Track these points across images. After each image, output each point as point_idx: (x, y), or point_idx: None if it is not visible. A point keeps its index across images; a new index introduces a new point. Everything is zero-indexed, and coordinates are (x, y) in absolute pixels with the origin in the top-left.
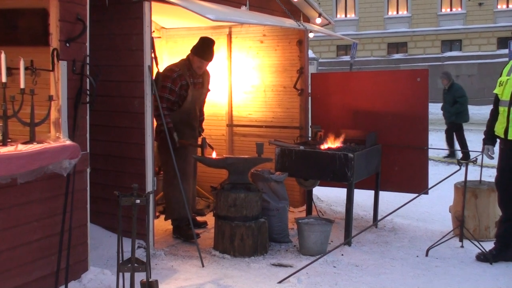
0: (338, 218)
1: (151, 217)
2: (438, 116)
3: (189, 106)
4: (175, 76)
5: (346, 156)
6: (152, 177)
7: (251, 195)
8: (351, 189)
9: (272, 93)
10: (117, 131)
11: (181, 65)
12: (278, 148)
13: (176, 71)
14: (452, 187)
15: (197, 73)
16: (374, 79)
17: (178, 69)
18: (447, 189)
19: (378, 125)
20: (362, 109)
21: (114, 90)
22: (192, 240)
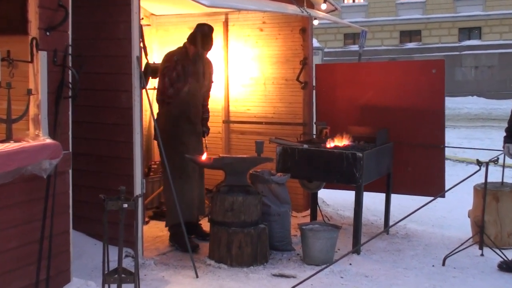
0: (345, 223)
1: (140, 223)
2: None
3: (186, 98)
4: (174, 59)
5: (354, 155)
6: (141, 178)
7: (250, 198)
8: (360, 191)
9: (272, 86)
10: (102, 128)
11: (178, 53)
12: (280, 146)
13: (175, 55)
14: (471, 189)
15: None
16: (385, 71)
17: (176, 54)
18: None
19: (389, 121)
20: (371, 104)
21: (99, 83)
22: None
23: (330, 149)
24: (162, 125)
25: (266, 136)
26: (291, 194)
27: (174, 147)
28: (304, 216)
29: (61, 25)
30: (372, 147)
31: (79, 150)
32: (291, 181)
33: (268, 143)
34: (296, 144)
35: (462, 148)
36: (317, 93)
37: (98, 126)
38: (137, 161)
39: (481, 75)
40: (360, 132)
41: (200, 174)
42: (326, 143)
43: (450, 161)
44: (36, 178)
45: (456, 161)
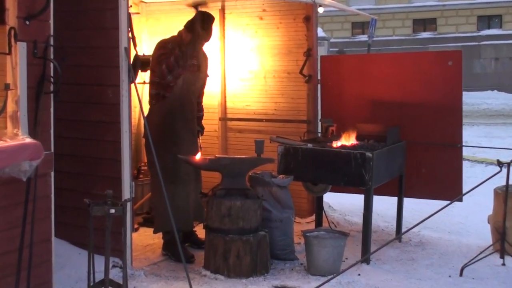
0: (353, 230)
1: (129, 230)
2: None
3: (180, 92)
4: (169, 47)
5: (363, 155)
6: (130, 181)
7: (249, 203)
8: (370, 195)
9: (273, 80)
10: (87, 127)
11: (172, 42)
12: (281, 146)
13: (169, 43)
14: (491, 192)
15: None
16: (396, 63)
17: (170, 44)
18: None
19: (401, 118)
20: (382, 99)
21: (83, 77)
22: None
23: (337, 149)
24: (153, 122)
25: (267, 135)
26: (294, 198)
27: (166, 147)
28: (308, 222)
29: (42, 14)
30: (383, 146)
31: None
32: (294, 184)
33: (269, 142)
34: (299, 143)
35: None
36: (323, 87)
37: (82, 124)
38: (126, 162)
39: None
40: (370, 130)
41: (196, 177)
42: (332, 142)
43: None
44: (14, 181)
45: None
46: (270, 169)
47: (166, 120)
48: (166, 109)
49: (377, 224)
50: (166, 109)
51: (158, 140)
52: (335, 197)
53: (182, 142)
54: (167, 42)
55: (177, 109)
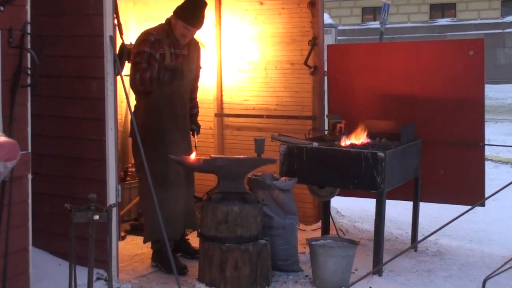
0: (364, 238)
1: (115, 238)
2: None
3: (170, 86)
4: (152, 39)
5: (374, 155)
6: (116, 184)
7: (248, 208)
8: (382, 199)
9: (275, 72)
10: (68, 124)
11: (159, 30)
12: (284, 145)
13: (154, 34)
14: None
15: (181, 42)
16: (411, 53)
17: (155, 33)
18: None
19: (417, 114)
20: (395, 93)
21: (64, 69)
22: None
23: (346, 148)
24: (140, 119)
25: (268, 133)
26: (298, 203)
27: (153, 147)
28: (314, 230)
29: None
30: (396, 145)
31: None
32: (298, 187)
33: (270, 141)
34: (304, 142)
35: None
36: (330, 80)
37: (63, 121)
38: (111, 163)
39: None
40: (382, 127)
41: (188, 179)
42: (341, 141)
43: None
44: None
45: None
46: (272, 171)
47: (153, 117)
48: (153, 105)
49: (390, 231)
50: (153, 105)
51: (146, 139)
52: (344, 201)
53: (172, 141)
54: (150, 34)
55: (166, 105)
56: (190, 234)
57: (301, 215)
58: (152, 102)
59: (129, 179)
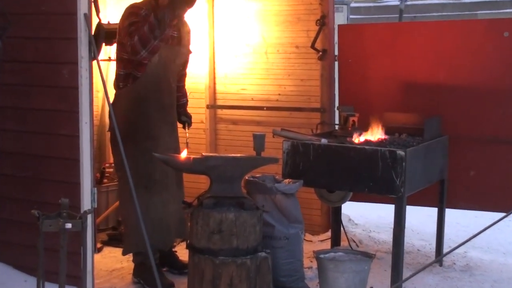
0: (381, 251)
1: (90, 250)
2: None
3: (156, 71)
4: (143, 14)
5: (393, 154)
6: (91, 187)
7: (246, 215)
8: (402, 205)
9: (278, 57)
10: (36, 117)
11: (147, 5)
12: (288, 142)
13: (143, 9)
14: None
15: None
16: (436, 34)
17: (144, 8)
18: None
19: (443, 105)
20: (418, 81)
21: (31, 53)
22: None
23: (360, 146)
24: (120, 111)
25: (269, 127)
26: (304, 210)
27: (137, 143)
28: (322, 241)
29: None
30: (419, 142)
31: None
32: (304, 190)
33: (271, 137)
34: (310, 138)
35: None
36: (341, 65)
37: (30, 114)
38: (86, 162)
39: None
40: (402, 121)
41: (177, 181)
42: (354, 137)
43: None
44: None
45: None
46: (273, 172)
47: (138, 108)
48: (138, 93)
49: (412, 242)
50: (137, 94)
51: (128, 134)
52: (357, 208)
53: (158, 136)
54: (139, 8)
55: (152, 94)
56: (178, 246)
57: (308, 223)
58: (136, 90)
59: (107, 181)
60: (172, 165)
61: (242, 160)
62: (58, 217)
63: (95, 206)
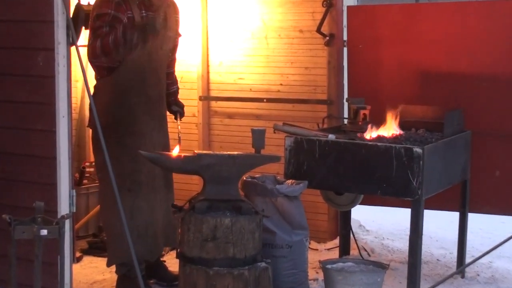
0: (395, 261)
1: (68, 260)
2: None
3: (140, 60)
4: (112, 14)
5: (410, 151)
6: (69, 189)
7: (243, 220)
8: (419, 209)
9: (279, 42)
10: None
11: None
12: (291, 138)
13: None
14: None
15: (153, 3)
16: (458, 16)
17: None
18: None
19: (465, 97)
20: (437, 69)
21: (1, 38)
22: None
23: (371, 142)
24: (102, 103)
25: (269, 121)
26: (309, 214)
27: (121, 140)
28: (329, 249)
29: None
30: (438, 138)
31: None
32: (309, 193)
33: (272, 133)
34: (316, 133)
35: None
36: (350, 52)
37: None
38: (63, 161)
39: None
40: (419, 115)
41: (165, 182)
42: (365, 132)
43: None
44: None
45: None
46: (275, 172)
47: (119, 101)
48: (119, 85)
49: (430, 251)
50: (118, 85)
51: (109, 131)
52: (369, 212)
53: (144, 132)
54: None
55: (135, 85)
56: (167, 255)
57: (313, 229)
58: (117, 80)
59: (87, 182)
60: (161, 164)
61: (239, 159)
62: (32, 223)
63: (73, 211)
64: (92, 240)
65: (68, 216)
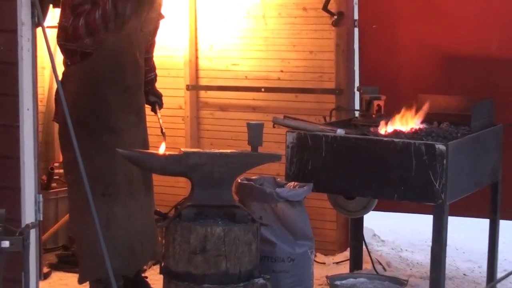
0: (415, 276)
1: (34, 275)
2: None
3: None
4: None
5: (431, 148)
6: (35, 194)
7: (238, 230)
8: (443, 216)
9: (279, 22)
10: None
11: None
12: (293, 133)
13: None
14: None
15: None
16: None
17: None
18: None
19: (495, 85)
20: (462, 53)
21: None
22: None
23: (387, 138)
24: (72, 93)
25: (268, 114)
26: (314, 222)
27: (94, 136)
28: (338, 263)
29: None
30: (464, 133)
31: None
32: (314, 197)
33: (272, 127)
34: (323, 128)
35: None
36: (362, 33)
37: None
38: (28, 161)
39: None
40: (442, 106)
41: (146, 186)
42: (379, 127)
43: None
44: None
45: None
46: (274, 173)
47: (92, 92)
48: (92, 72)
49: (455, 264)
50: (91, 73)
51: (80, 125)
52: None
53: (121, 128)
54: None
55: (111, 73)
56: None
57: (319, 240)
58: (92, 67)
59: (56, 185)
60: (141, 164)
61: (233, 158)
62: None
63: (40, 219)
64: (62, 253)
65: (33, 225)
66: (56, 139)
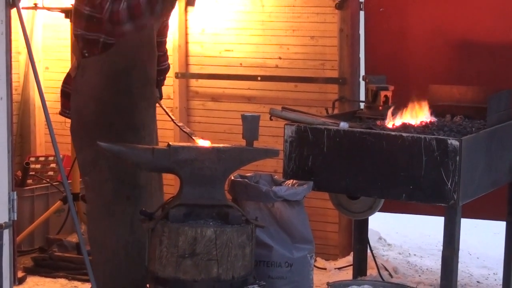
0: (424, 283)
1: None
2: None
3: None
4: None
5: (443, 144)
6: (9, 191)
7: (230, 232)
8: (455, 219)
9: (278, 3)
10: None
11: None
12: (292, 126)
13: None
14: None
15: None
16: None
17: None
18: None
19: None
20: (478, 39)
21: None
22: None
23: (395, 132)
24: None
25: (264, 105)
26: (315, 224)
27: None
28: (340, 268)
29: None
30: (480, 127)
31: None
32: (314, 196)
33: (269, 120)
34: (324, 121)
35: None
36: (368, 17)
37: None
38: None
39: None
40: (456, 97)
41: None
42: (386, 120)
43: None
44: None
45: None
46: (271, 169)
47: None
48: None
49: (469, 271)
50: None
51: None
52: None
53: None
54: None
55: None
56: None
57: (320, 243)
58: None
59: (32, 182)
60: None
61: (226, 153)
62: None
63: (14, 218)
64: (39, 255)
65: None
66: (32, 131)
